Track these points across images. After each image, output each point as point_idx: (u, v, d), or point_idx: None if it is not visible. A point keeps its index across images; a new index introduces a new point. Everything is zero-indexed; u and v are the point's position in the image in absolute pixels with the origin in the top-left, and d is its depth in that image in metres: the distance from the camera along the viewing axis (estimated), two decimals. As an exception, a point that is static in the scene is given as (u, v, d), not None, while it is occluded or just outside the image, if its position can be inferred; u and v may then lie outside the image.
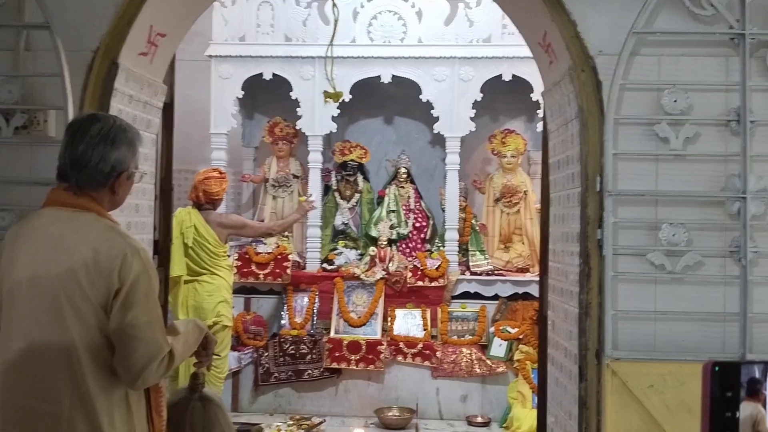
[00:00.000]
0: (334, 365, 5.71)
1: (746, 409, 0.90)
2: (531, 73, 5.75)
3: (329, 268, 6.19)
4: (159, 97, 3.40)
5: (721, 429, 0.89)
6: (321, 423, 5.47)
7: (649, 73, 2.81)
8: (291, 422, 5.32)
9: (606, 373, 2.73)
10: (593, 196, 2.81)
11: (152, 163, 3.44)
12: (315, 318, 5.98)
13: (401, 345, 5.75)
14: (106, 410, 1.89)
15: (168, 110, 3.63)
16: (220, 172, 5.11)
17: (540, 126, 4.12)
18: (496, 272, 6.14)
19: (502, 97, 6.41)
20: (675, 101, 2.77)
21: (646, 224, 2.80)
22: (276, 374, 5.76)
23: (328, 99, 5.00)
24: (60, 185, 2.00)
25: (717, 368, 0.90)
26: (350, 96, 6.11)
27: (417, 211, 6.50)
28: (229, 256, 5.22)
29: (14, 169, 2.90)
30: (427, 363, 5.74)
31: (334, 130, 6.31)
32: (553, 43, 3.04)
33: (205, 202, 4.93)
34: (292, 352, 5.74)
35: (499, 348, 5.81)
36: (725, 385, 0.90)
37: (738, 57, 2.77)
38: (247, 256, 6.03)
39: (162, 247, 3.58)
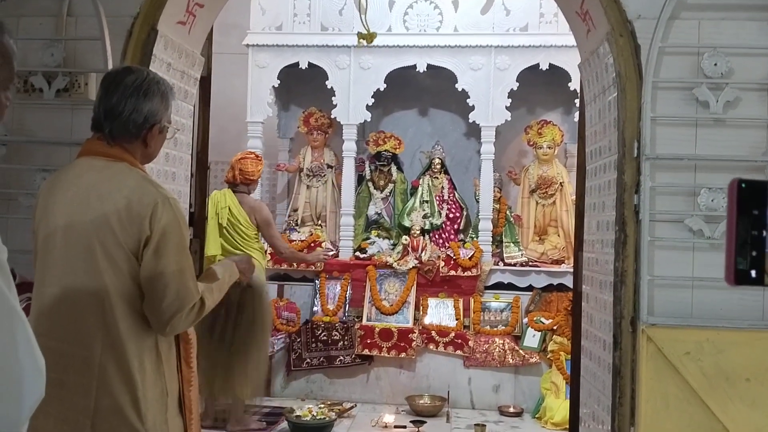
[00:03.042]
0: (366, 352, 5.70)
1: None
2: (568, 62, 5.71)
3: (362, 256, 6.19)
4: (196, 68, 3.45)
5: (747, 248, 0.87)
6: (352, 408, 5.45)
7: (688, 37, 2.77)
8: (322, 405, 5.32)
9: (641, 339, 2.68)
10: (630, 162, 2.77)
11: (189, 134, 3.49)
12: (347, 305, 5.99)
13: (433, 333, 5.72)
14: (136, 356, 1.90)
15: (205, 83, 3.68)
16: (257, 155, 5.16)
17: (577, 116, 4.09)
18: (530, 264, 6.08)
19: (538, 89, 6.37)
20: (715, 65, 2.72)
21: (685, 190, 2.76)
22: (308, 360, 5.77)
23: (361, 40, 5.06)
24: (94, 135, 2.01)
25: (743, 185, 0.88)
26: (385, 85, 6.13)
27: (450, 202, 6.46)
28: (258, 239, 5.23)
29: (55, 130, 2.97)
30: (459, 352, 5.69)
31: (369, 119, 6.32)
32: (590, 10, 3.01)
33: (240, 183, 4.97)
34: (324, 338, 5.75)
35: (532, 339, 5.74)
36: (752, 203, 0.88)
37: (781, 20, 2.72)
38: (281, 244, 6.05)
39: (197, 218, 3.62)
